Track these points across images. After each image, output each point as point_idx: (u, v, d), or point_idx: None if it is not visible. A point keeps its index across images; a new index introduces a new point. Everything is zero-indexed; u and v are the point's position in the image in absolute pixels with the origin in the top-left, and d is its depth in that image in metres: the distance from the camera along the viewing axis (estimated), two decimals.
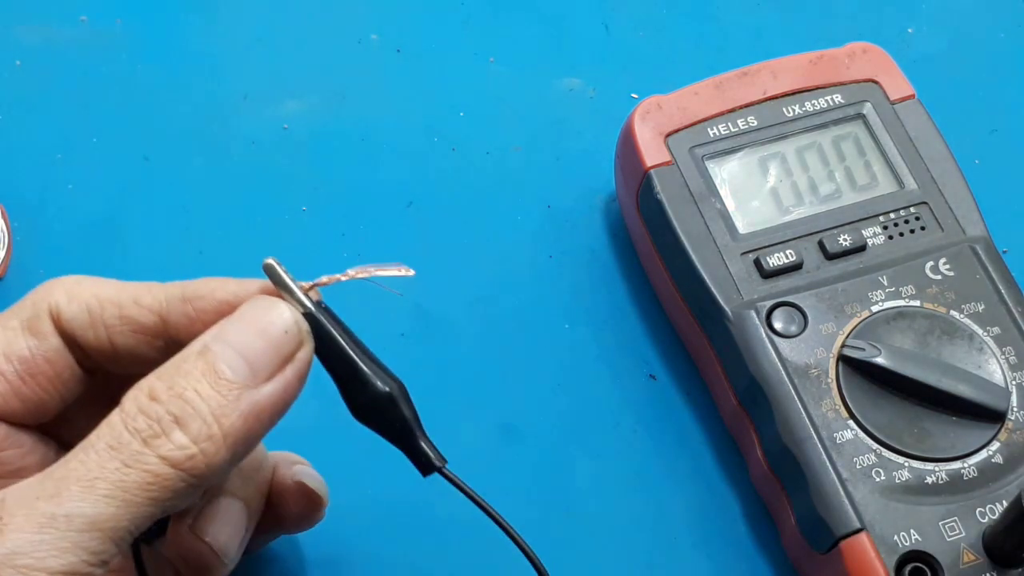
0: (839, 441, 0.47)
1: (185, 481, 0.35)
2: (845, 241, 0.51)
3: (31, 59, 0.63)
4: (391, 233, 0.59)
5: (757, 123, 0.54)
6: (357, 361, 0.39)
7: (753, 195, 0.53)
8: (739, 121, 0.54)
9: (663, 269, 0.54)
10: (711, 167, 0.53)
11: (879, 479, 0.46)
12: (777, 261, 0.51)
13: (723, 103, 0.54)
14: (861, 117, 0.54)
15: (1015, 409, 0.48)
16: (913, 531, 0.45)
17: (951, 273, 0.51)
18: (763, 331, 0.49)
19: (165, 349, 0.39)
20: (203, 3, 0.66)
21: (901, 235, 0.52)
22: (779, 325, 0.50)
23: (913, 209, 0.52)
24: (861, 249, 0.51)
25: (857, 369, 0.48)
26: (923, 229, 0.52)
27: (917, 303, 0.50)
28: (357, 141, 0.62)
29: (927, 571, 0.45)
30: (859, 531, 0.45)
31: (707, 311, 0.51)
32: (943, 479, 0.46)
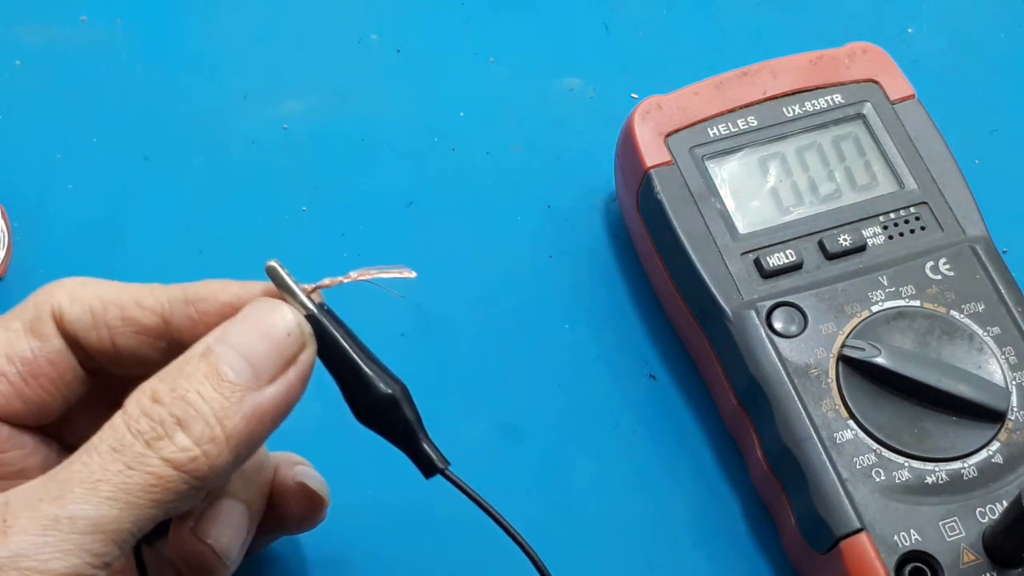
0: (839, 441, 0.47)
1: (188, 483, 0.35)
2: (845, 241, 0.51)
3: (31, 59, 0.63)
4: (391, 233, 0.59)
5: (757, 123, 0.54)
6: (360, 363, 0.39)
7: (753, 195, 0.53)
8: (739, 121, 0.54)
9: (663, 269, 0.54)
10: (711, 167, 0.53)
11: (879, 479, 0.46)
12: (777, 261, 0.51)
13: (723, 103, 0.54)
14: (861, 117, 0.54)
15: (1015, 409, 0.48)
16: (913, 531, 0.45)
17: (951, 273, 0.51)
18: (763, 331, 0.49)
19: (167, 351, 0.39)
20: (203, 3, 0.66)
21: (901, 235, 0.52)
22: (779, 325, 0.50)
23: (913, 209, 0.52)
24: (861, 249, 0.51)
25: (857, 369, 0.48)
26: (923, 229, 0.52)
27: (917, 303, 0.50)
28: (357, 141, 0.62)
29: (927, 571, 0.45)
30: (859, 531, 0.45)
31: (707, 311, 0.51)
32: (943, 479, 0.46)
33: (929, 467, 0.47)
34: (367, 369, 0.39)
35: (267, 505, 0.45)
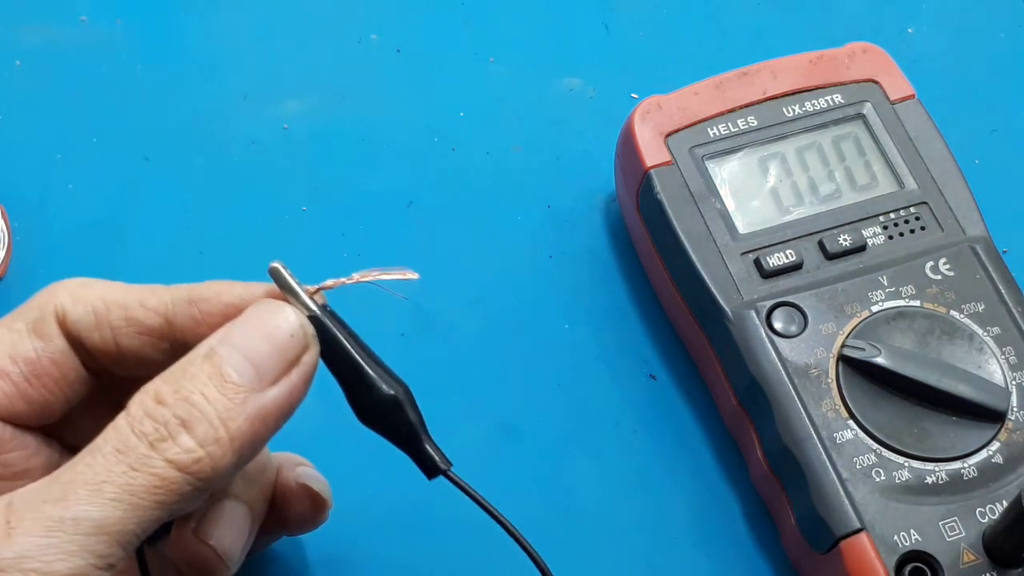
0: (839, 441, 0.47)
1: (192, 485, 0.35)
2: (845, 241, 0.52)
3: (31, 59, 0.63)
4: (391, 233, 0.59)
5: (757, 123, 0.54)
6: (363, 365, 0.39)
7: (753, 195, 0.53)
8: (739, 121, 0.54)
9: (663, 269, 0.54)
10: (711, 167, 0.53)
11: (879, 479, 0.46)
12: (777, 261, 0.51)
13: (723, 103, 0.54)
14: (861, 117, 0.55)
15: (1015, 409, 0.48)
16: (913, 531, 0.45)
17: (951, 273, 0.51)
18: (763, 331, 0.49)
19: (170, 352, 0.39)
20: (203, 3, 0.66)
21: (901, 235, 0.52)
22: (779, 325, 0.50)
23: (913, 209, 0.52)
24: (861, 249, 0.52)
25: (857, 369, 0.48)
26: (923, 229, 0.52)
27: (917, 303, 0.50)
28: (357, 141, 0.62)
29: (927, 571, 0.45)
30: (859, 531, 0.45)
31: (707, 311, 0.51)
32: (943, 479, 0.46)
33: (929, 467, 0.47)
34: (370, 370, 0.39)
35: (269, 506, 0.45)
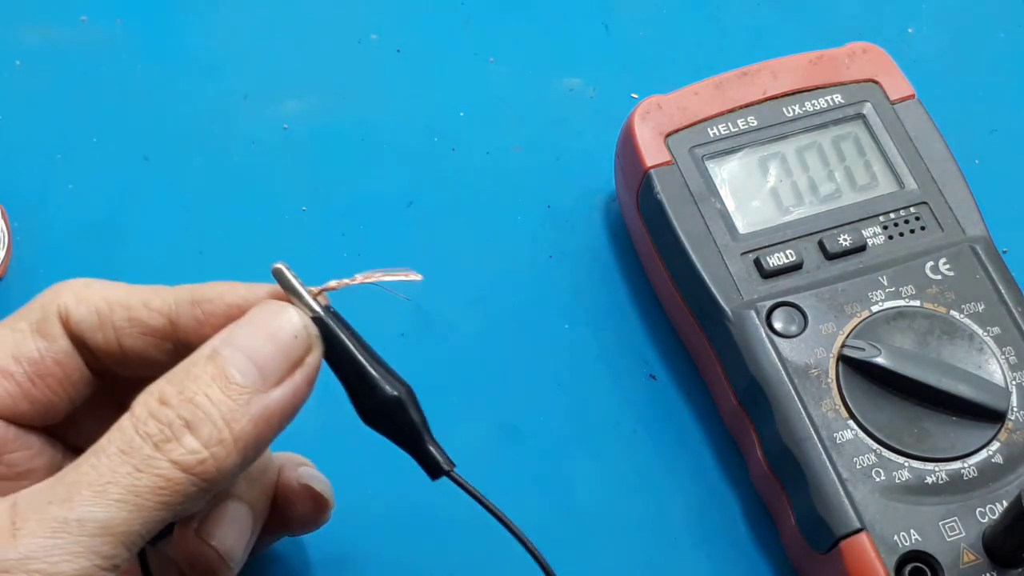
0: (839, 441, 0.47)
1: (196, 485, 0.35)
2: (845, 241, 0.52)
3: (31, 59, 0.63)
4: (391, 233, 0.59)
5: (757, 123, 0.54)
6: (366, 365, 0.39)
7: (753, 195, 0.53)
8: (739, 121, 0.54)
9: (663, 269, 0.54)
10: (711, 167, 0.53)
11: (879, 479, 0.46)
12: (777, 261, 0.51)
13: (723, 103, 0.54)
14: (861, 117, 0.55)
15: (1015, 409, 0.48)
16: (913, 531, 0.45)
17: (951, 273, 0.51)
18: (763, 331, 0.49)
19: (174, 352, 0.39)
20: (203, 3, 0.66)
21: (901, 235, 0.52)
22: (779, 325, 0.50)
23: (913, 209, 0.53)
24: (861, 249, 0.52)
25: (857, 369, 0.48)
26: (923, 229, 0.52)
27: (917, 303, 0.50)
28: (357, 141, 0.62)
29: (927, 571, 0.45)
30: (859, 531, 0.45)
31: (707, 311, 0.51)
32: (943, 479, 0.47)
33: (929, 467, 0.47)
34: (373, 371, 0.39)
35: (271, 506, 0.45)
